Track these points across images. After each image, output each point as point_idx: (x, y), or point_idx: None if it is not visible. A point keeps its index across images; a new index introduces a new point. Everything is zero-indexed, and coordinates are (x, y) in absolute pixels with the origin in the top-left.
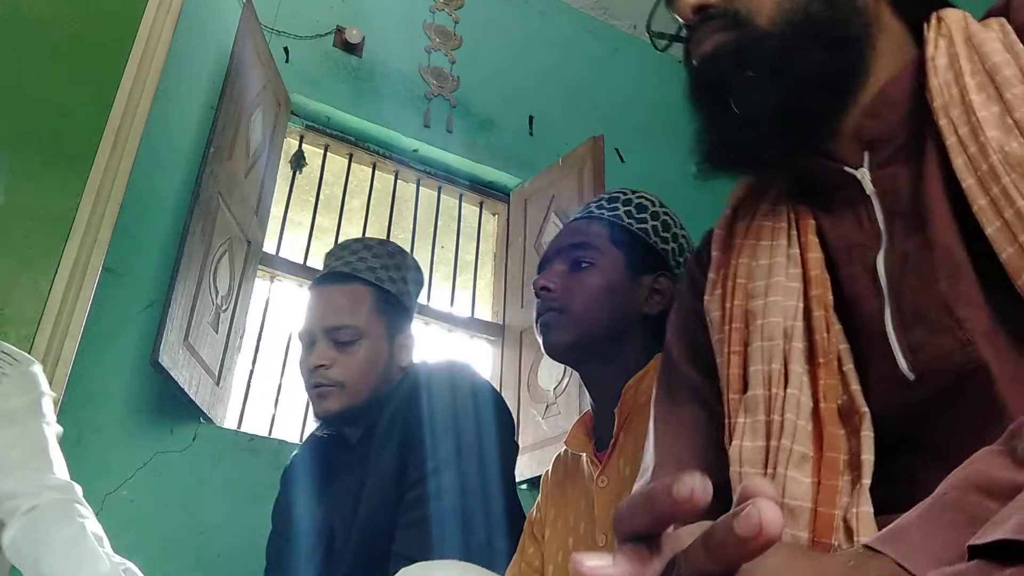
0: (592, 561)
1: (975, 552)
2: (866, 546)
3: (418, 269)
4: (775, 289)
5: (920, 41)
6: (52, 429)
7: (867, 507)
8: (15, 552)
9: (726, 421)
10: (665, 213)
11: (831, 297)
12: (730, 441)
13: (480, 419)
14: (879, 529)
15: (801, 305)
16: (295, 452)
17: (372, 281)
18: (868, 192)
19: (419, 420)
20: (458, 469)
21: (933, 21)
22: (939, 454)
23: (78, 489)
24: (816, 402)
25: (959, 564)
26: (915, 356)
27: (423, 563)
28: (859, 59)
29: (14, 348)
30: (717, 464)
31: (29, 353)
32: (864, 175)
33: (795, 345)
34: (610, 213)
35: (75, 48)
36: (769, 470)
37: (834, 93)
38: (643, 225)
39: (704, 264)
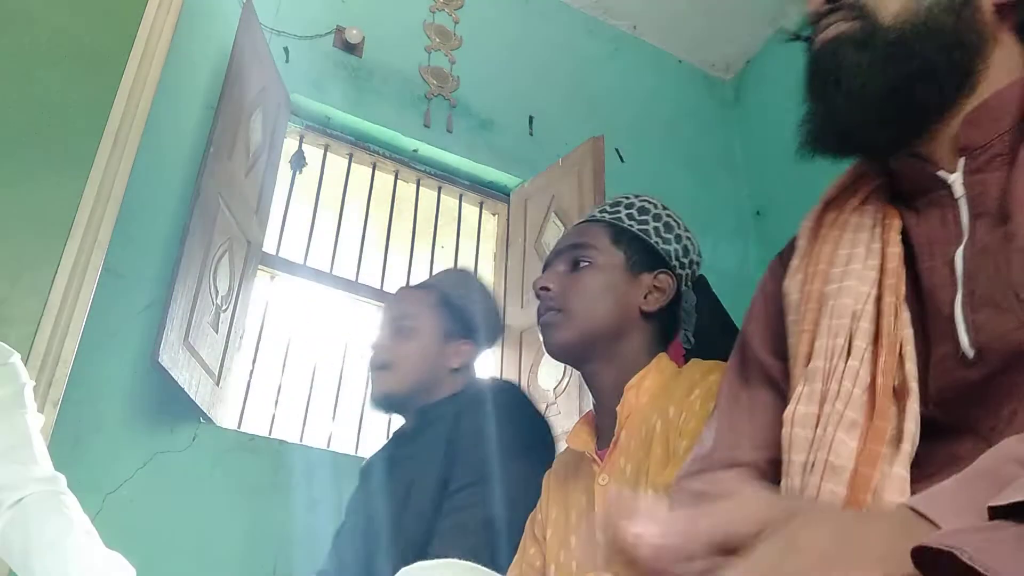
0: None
1: (995, 512)
2: (904, 505)
3: (492, 300)
4: (850, 275)
5: None
6: (34, 419)
7: (900, 469)
8: (3, 546)
9: (791, 395)
10: (668, 215)
11: (904, 288)
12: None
13: (530, 446)
14: (912, 494)
15: (874, 292)
16: (375, 452)
17: (441, 289)
18: (957, 196)
19: (472, 432)
20: (502, 484)
21: None
22: (984, 436)
23: (63, 480)
24: (873, 377)
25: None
26: (977, 335)
27: (423, 563)
28: (970, 65)
29: None
30: (778, 441)
31: (29, 353)
32: (956, 179)
33: (862, 325)
34: (611, 216)
35: (75, 48)
36: (819, 431)
37: (941, 90)
38: (644, 226)
39: (787, 257)
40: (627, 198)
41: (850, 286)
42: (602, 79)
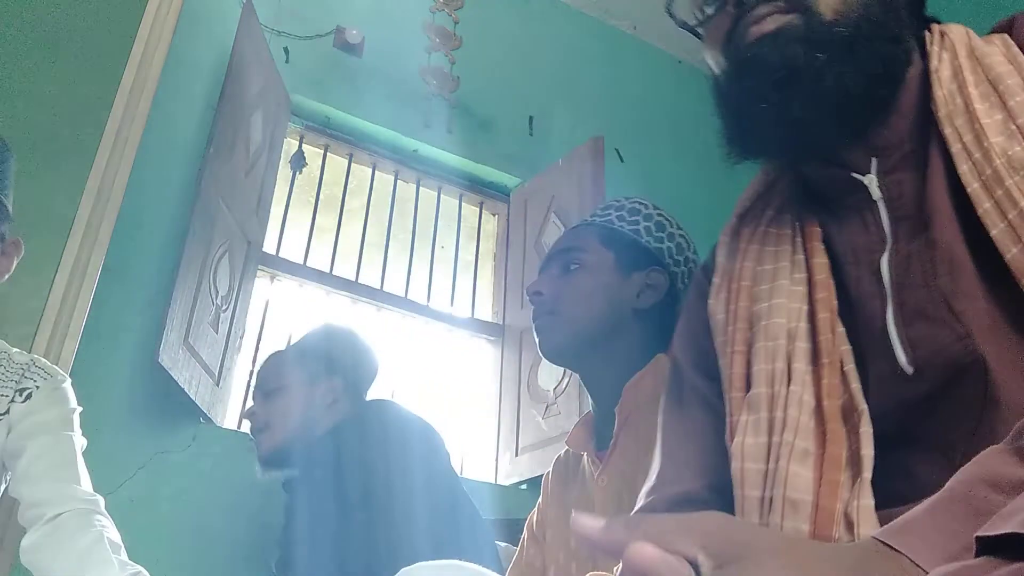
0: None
1: (982, 544)
2: (874, 539)
3: (350, 334)
4: (779, 292)
5: (923, 54)
6: (79, 443)
7: (868, 500)
8: (32, 556)
9: (728, 420)
10: (660, 215)
11: (836, 301)
12: (731, 439)
13: (411, 445)
14: (880, 522)
15: (805, 308)
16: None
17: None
18: (875, 197)
19: (355, 446)
20: (392, 492)
21: (936, 36)
22: (938, 448)
23: (102, 502)
24: (819, 400)
25: (966, 557)
26: (914, 350)
27: (423, 563)
28: (907, 59)
29: (47, 363)
30: (722, 466)
31: (29, 353)
32: (871, 181)
33: (799, 345)
34: (602, 219)
35: (75, 48)
36: (771, 464)
37: (893, 86)
38: (635, 226)
39: (710, 272)
40: (618, 201)
41: (780, 304)
42: (602, 79)
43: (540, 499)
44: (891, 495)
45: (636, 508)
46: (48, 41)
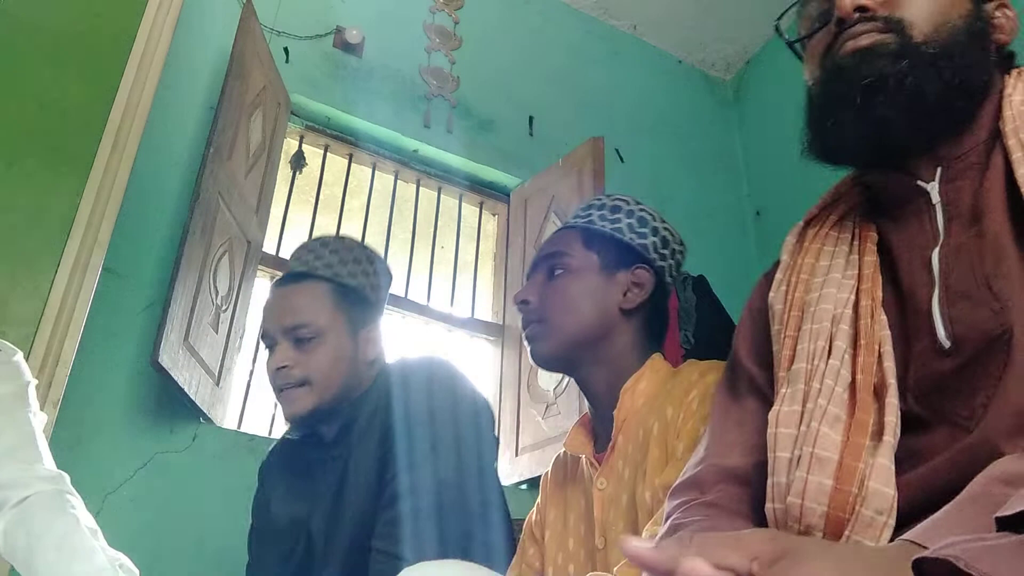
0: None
1: (1000, 524)
2: (904, 539)
3: (381, 261)
4: (830, 283)
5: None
6: (38, 418)
7: (884, 460)
8: (7, 546)
9: (775, 398)
10: (642, 210)
11: (880, 292)
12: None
13: (458, 415)
14: (899, 487)
15: (852, 297)
16: (271, 448)
17: (329, 277)
18: (934, 202)
19: (397, 416)
20: (434, 465)
21: (1015, 73)
22: (963, 425)
23: (67, 479)
24: (853, 375)
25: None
26: (953, 327)
27: (423, 563)
28: (985, 84)
29: None
30: (765, 445)
31: (29, 353)
32: (933, 188)
33: (841, 328)
34: (583, 220)
35: (75, 48)
36: (803, 427)
37: (972, 104)
38: (616, 224)
39: (772, 274)
40: (599, 199)
41: (830, 292)
42: (602, 79)
43: (539, 499)
44: (912, 467)
45: (683, 476)
46: (48, 41)
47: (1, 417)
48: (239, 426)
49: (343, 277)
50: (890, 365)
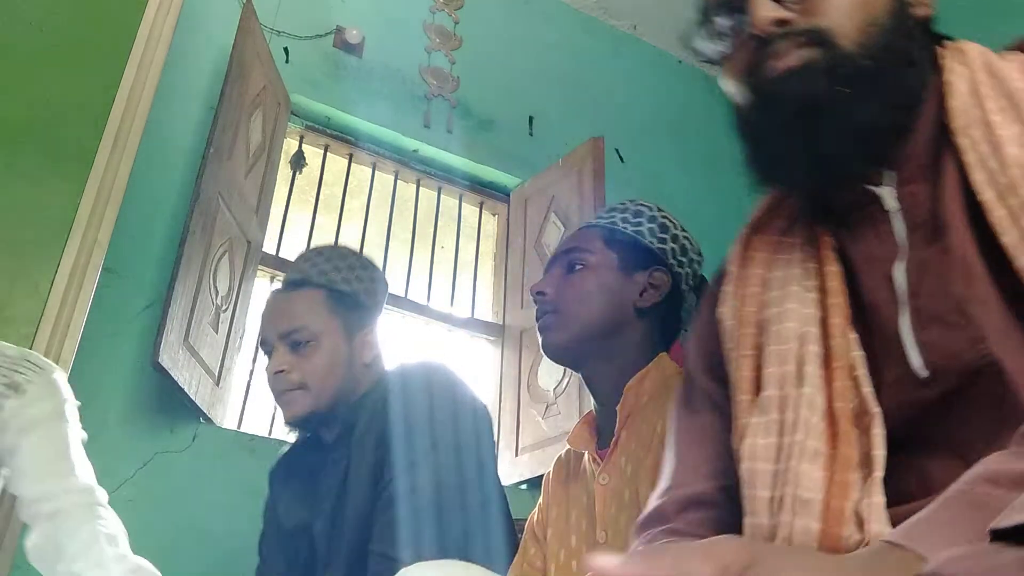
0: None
1: (994, 535)
2: (883, 541)
3: (375, 267)
4: (790, 298)
5: (935, 69)
6: (76, 434)
7: (879, 498)
8: (37, 555)
9: (735, 423)
10: (664, 217)
11: (848, 308)
12: (739, 441)
13: (457, 417)
14: (891, 521)
15: (817, 313)
16: (279, 453)
17: (324, 283)
18: (889, 208)
19: (395, 419)
20: (433, 466)
21: (951, 51)
22: (951, 450)
23: (100, 492)
24: (830, 402)
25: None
26: (928, 354)
27: (422, 563)
28: (925, 81)
29: (39, 356)
30: (732, 468)
31: (19, 347)
32: (886, 192)
33: (810, 349)
34: (606, 220)
35: (75, 48)
36: (781, 464)
37: (913, 112)
38: (638, 228)
39: (721, 281)
40: (622, 204)
41: (792, 309)
42: (602, 79)
43: (541, 499)
44: (904, 496)
45: (646, 511)
46: (48, 41)
47: (39, 432)
48: (239, 426)
49: (337, 283)
50: (869, 392)
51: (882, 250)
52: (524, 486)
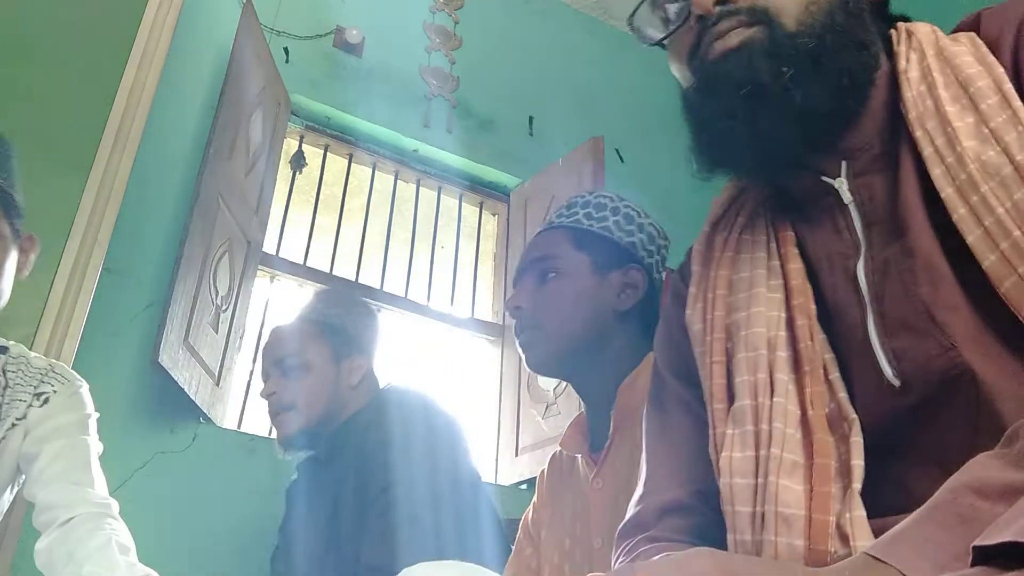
0: None
1: (979, 553)
2: (865, 554)
3: (364, 304)
4: (757, 300)
5: (889, 54)
6: (95, 448)
7: (860, 511)
8: (45, 560)
9: (711, 431)
10: (627, 207)
11: (814, 307)
12: (716, 451)
13: (432, 432)
14: (874, 532)
15: (784, 315)
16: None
17: (315, 319)
18: (845, 201)
19: (380, 440)
20: (414, 482)
21: (903, 35)
22: (929, 459)
23: (115, 506)
24: (804, 410)
25: (955, 566)
26: (899, 363)
27: (424, 563)
28: (875, 65)
29: (65, 368)
30: (707, 472)
31: (47, 358)
32: (841, 184)
33: (779, 355)
34: (569, 220)
35: (75, 48)
36: (759, 479)
37: (861, 95)
38: (604, 223)
39: (687, 277)
40: (582, 197)
41: (759, 312)
42: (602, 79)
43: (535, 498)
44: (885, 506)
45: (625, 519)
46: (48, 41)
47: (61, 441)
48: (239, 426)
49: (330, 318)
50: (844, 396)
51: (840, 246)
52: (524, 486)
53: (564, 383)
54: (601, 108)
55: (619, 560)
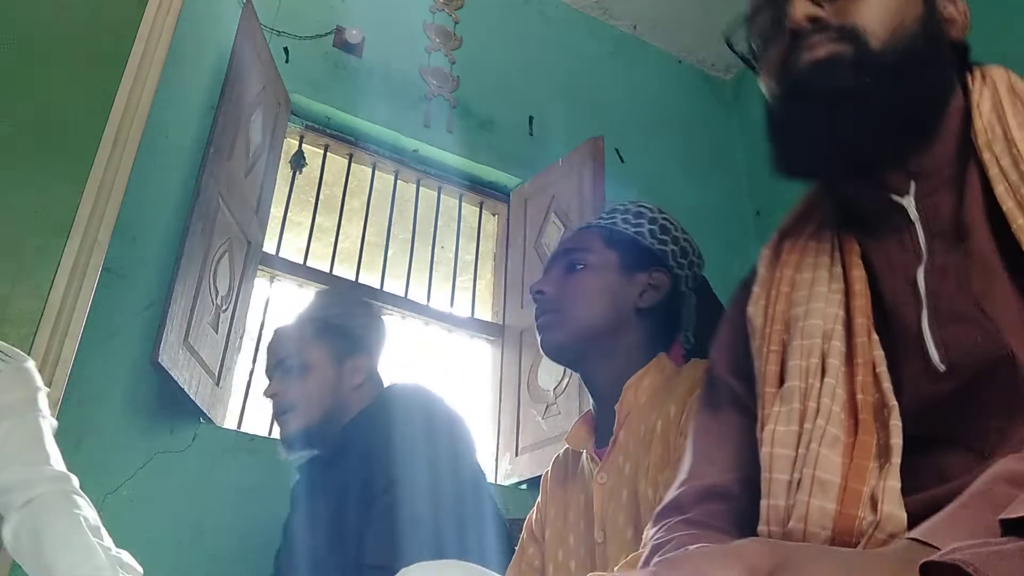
0: None
1: (1005, 526)
2: (909, 538)
3: (370, 306)
4: (817, 298)
5: (965, 93)
6: (47, 422)
7: (894, 482)
8: (16, 546)
9: (759, 413)
10: (665, 219)
11: (871, 309)
12: (762, 427)
13: (435, 431)
14: (906, 507)
15: (842, 313)
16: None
17: (316, 318)
18: (912, 218)
19: (382, 436)
20: (417, 477)
21: (978, 75)
22: (969, 443)
23: (74, 480)
24: (851, 394)
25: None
26: (947, 349)
27: (424, 563)
28: (950, 88)
29: (7, 345)
30: (752, 461)
31: (29, 353)
32: (910, 202)
33: (834, 344)
34: (607, 221)
35: (75, 48)
36: (801, 449)
37: (936, 114)
38: (639, 228)
39: (749, 286)
40: (623, 204)
41: (818, 308)
42: (602, 79)
43: (539, 498)
44: (920, 487)
45: (663, 501)
46: (49, 41)
47: (10, 421)
48: (239, 426)
49: (331, 318)
50: (888, 387)
51: (903, 256)
52: (524, 486)
53: (565, 383)
54: (601, 108)
55: (655, 540)
